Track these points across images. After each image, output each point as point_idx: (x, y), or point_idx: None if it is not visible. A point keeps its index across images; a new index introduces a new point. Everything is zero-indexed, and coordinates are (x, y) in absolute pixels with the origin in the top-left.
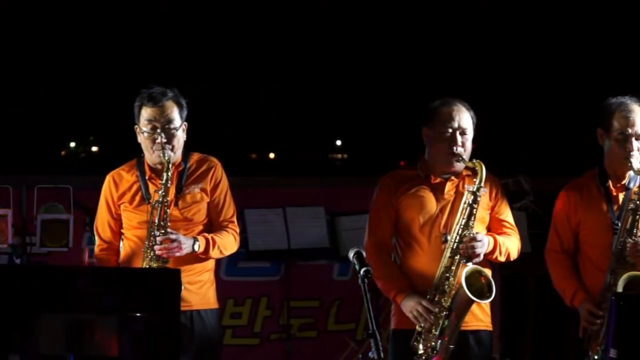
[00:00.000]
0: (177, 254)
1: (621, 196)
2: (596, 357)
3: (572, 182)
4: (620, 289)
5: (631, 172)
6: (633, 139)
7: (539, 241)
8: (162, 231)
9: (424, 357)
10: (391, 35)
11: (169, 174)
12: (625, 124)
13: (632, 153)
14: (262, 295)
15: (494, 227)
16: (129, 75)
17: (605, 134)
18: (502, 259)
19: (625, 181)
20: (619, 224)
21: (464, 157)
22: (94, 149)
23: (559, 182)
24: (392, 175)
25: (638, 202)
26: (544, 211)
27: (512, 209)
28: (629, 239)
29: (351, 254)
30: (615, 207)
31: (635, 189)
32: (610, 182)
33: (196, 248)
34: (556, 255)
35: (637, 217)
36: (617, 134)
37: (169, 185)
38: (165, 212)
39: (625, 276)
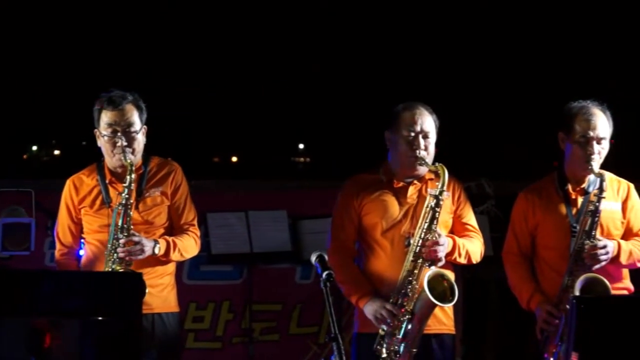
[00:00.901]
0: (140, 257)
1: (580, 200)
2: (552, 359)
3: (531, 185)
4: (577, 290)
5: (591, 176)
6: (594, 142)
7: (501, 244)
8: (125, 234)
9: None
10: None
11: (132, 176)
12: (586, 127)
13: (592, 156)
14: (225, 299)
15: (457, 230)
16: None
17: (566, 138)
18: (463, 260)
19: (584, 185)
20: (577, 227)
21: (427, 160)
22: (56, 152)
23: (521, 185)
24: (354, 179)
25: (597, 204)
26: (506, 215)
27: (474, 212)
28: (587, 241)
29: (313, 258)
30: (574, 211)
31: (595, 192)
32: (569, 186)
33: (157, 250)
34: (513, 258)
35: (596, 219)
36: (578, 137)
37: (132, 188)
38: (129, 215)
39: (582, 277)
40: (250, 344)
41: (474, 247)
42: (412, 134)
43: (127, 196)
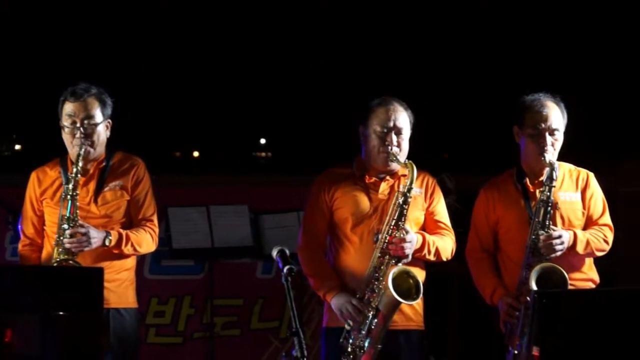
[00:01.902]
0: (87, 248)
1: (538, 193)
2: (516, 352)
3: (490, 181)
4: (532, 281)
5: (553, 167)
6: (547, 133)
7: (464, 239)
8: (72, 224)
9: (351, 357)
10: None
11: (79, 167)
12: (539, 119)
13: (545, 148)
14: (186, 293)
15: (429, 227)
16: (52, 74)
17: (520, 131)
18: (432, 258)
19: (542, 178)
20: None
21: (399, 157)
22: (17, 147)
23: (483, 180)
24: (327, 173)
25: (548, 194)
26: (468, 209)
27: None
28: (542, 232)
29: (274, 252)
30: (532, 204)
31: (544, 180)
32: (527, 179)
33: (107, 242)
34: (476, 255)
35: (549, 208)
36: (531, 130)
37: (77, 178)
38: (75, 205)
39: (537, 267)
40: (212, 338)
41: (444, 245)
42: (385, 130)
43: (72, 186)
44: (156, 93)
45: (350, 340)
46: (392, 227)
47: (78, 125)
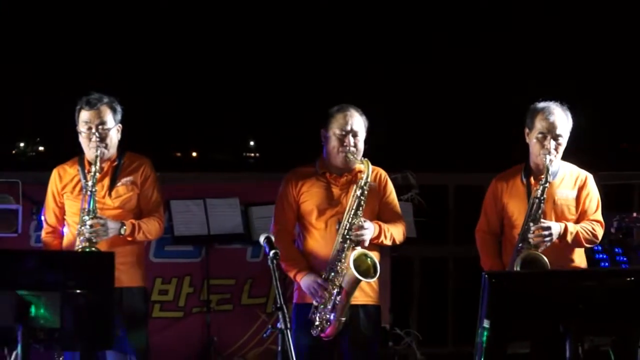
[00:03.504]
0: (105, 237)
1: (537, 191)
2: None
3: (502, 172)
4: (517, 266)
5: (550, 168)
6: (551, 138)
7: (424, 228)
8: (92, 216)
9: (319, 328)
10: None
11: (97, 167)
12: (545, 125)
13: (548, 150)
14: (186, 274)
15: (384, 215)
16: (71, 84)
17: (529, 133)
18: (388, 242)
19: (543, 177)
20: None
21: (356, 156)
22: (41, 148)
23: (441, 177)
24: (293, 172)
25: (541, 191)
26: (427, 202)
27: (400, 200)
28: (532, 223)
29: (262, 239)
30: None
31: (541, 180)
32: (532, 177)
33: (122, 231)
34: (483, 235)
35: (542, 204)
36: (537, 133)
37: (97, 176)
38: (94, 200)
39: (523, 254)
40: (208, 313)
41: (396, 231)
42: (344, 133)
43: (92, 183)
44: (161, 102)
45: (318, 315)
46: (351, 216)
47: (93, 130)
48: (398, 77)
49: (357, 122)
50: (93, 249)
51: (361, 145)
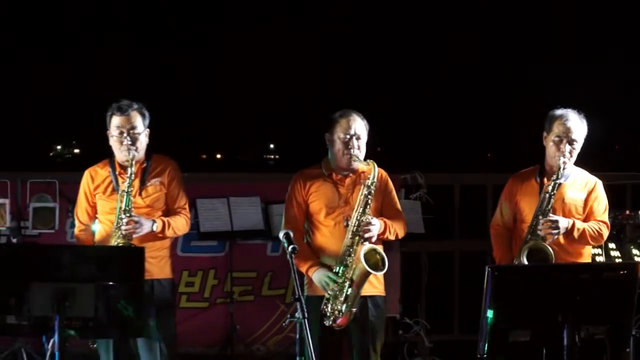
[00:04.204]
0: (139, 234)
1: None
2: None
3: (518, 172)
4: (524, 256)
5: (560, 168)
6: (566, 142)
7: (431, 225)
8: (127, 215)
9: (332, 318)
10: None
11: (133, 169)
12: (562, 130)
13: (562, 153)
14: (211, 267)
15: (386, 212)
16: (104, 92)
17: (547, 136)
18: (392, 237)
19: (554, 176)
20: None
21: (360, 157)
22: (76, 150)
23: (447, 177)
24: (300, 173)
25: (550, 187)
26: (435, 200)
27: (409, 198)
28: (542, 217)
29: (281, 235)
30: None
31: (553, 177)
32: (546, 177)
33: (154, 228)
34: (498, 228)
35: (552, 199)
36: (554, 137)
37: (132, 178)
38: (129, 199)
39: (530, 244)
40: (231, 303)
41: (399, 226)
42: (347, 137)
43: (128, 184)
44: (189, 110)
45: (330, 306)
46: (360, 213)
47: (125, 134)
48: (408, 88)
49: (360, 126)
50: (129, 244)
51: (363, 148)
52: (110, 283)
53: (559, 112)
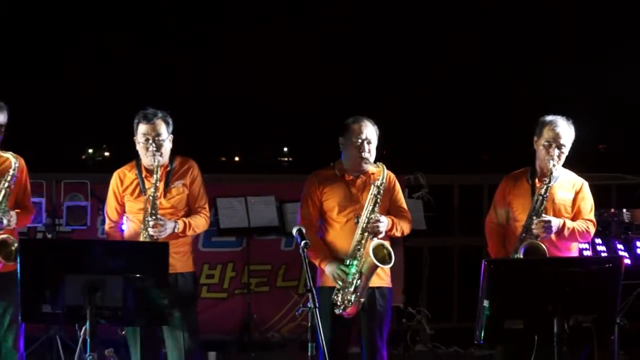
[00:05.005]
0: (164, 234)
1: (541, 189)
2: None
3: (511, 173)
4: (520, 253)
5: (553, 171)
6: (555, 147)
7: (432, 222)
8: (154, 217)
9: (342, 307)
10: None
11: (158, 175)
12: (551, 135)
13: (552, 157)
14: (229, 261)
15: (393, 210)
16: (131, 100)
17: (537, 141)
18: (398, 234)
19: (546, 178)
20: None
21: (370, 160)
22: (106, 154)
23: (446, 178)
24: (315, 174)
25: (542, 190)
26: (435, 199)
27: (411, 197)
28: (535, 217)
29: (294, 231)
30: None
31: (545, 181)
32: (537, 178)
33: (176, 229)
34: (492, 225)
35: (544, 201)
36: (544, 142)
37: (158, 184)
38: (155, 203)
39: (526, 243)
40: (248, 293)
41: (405, 224)
42: (359, 141)
43: (154, 189)
44: (210, 116)
45: (340, 296)
46: (369, 211)
47: (151, 141)
48: (409, 91)
49: (370, 131)
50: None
51: (374, 151)
52: (137, 275)
53: (549, 118)
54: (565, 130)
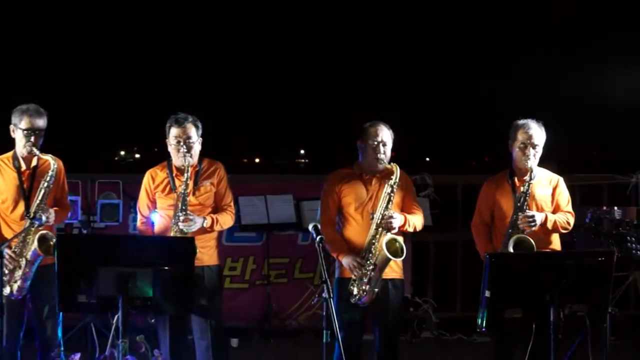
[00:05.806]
0: (193, 229)
1: (522, 187)
2: None
3: (491, 177)
4: (510, 246)
5: (533, 169)
6: (530, 147)
7: (438, 219)
8: (184, 212)
9: (357, 297)
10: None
11: (188, 174)
12: (525, 137)
13: (528, 157)
14: (250, 254)
15: (406, 207)
16: (162, 105)
17: (512, 144)
18: (410, 229)
19: (526, 177)
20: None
21: (385, 161)
22: (137, 155)
23: (451, 178)
24: (336, 173)
25: (527, 187)
26: (441, 198)
27: (418, 196)
28: (520, 213)
29: (310, 227)
30: (517, 194)
31: (526, 179)
32: (516, 178)
33: (205, 224)
34: (478, 225)
35: (527, 197)
36: (519, 144)
37: (188, 182)
38: (185, 200)
39: (514, 237)
40: (268, 284)
41: (417, 220)
42: (375, 143)
43: (184, 187)
44: (234, 122)
45: (356, 286)
46: (383, 208)
47: (182, 143)
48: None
49: (386, 134)
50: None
51: (389, 153)
52: (166, 268)
53: (521, 122)
54: (538, 132)
